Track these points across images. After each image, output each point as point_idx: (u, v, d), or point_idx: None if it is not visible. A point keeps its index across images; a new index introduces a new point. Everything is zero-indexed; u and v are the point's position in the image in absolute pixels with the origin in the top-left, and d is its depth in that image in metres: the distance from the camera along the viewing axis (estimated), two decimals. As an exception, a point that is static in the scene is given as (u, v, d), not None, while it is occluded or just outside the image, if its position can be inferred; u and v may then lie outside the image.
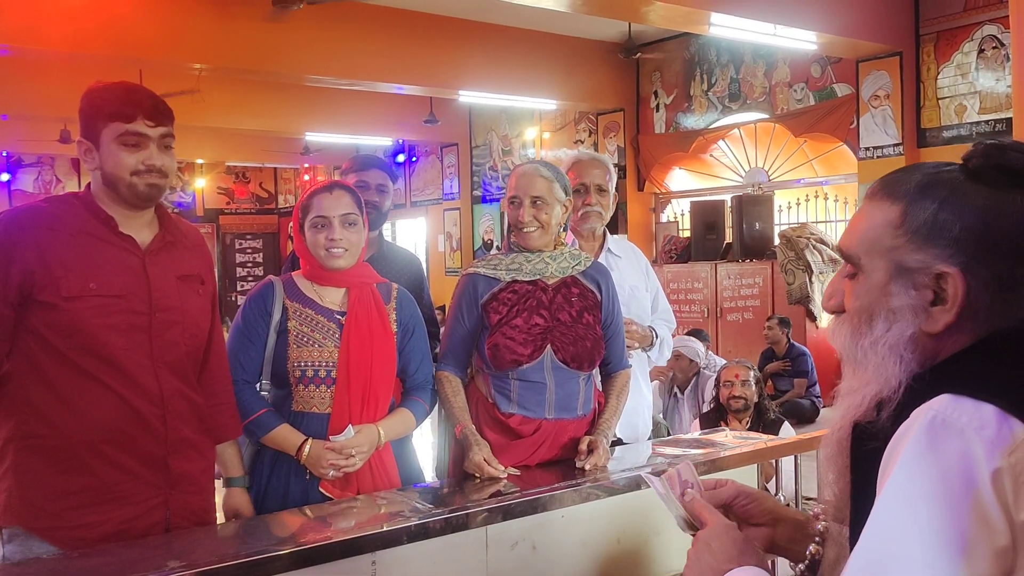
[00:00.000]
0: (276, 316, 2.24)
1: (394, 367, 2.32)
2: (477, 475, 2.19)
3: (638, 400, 2.84)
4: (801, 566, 1.25)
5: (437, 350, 2.85)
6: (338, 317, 2.26)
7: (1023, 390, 0.95)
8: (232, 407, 2.14)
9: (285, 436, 2.18)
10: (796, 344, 7.59)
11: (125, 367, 1.87)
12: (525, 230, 2.33)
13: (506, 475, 2.17)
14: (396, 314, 2.36)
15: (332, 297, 2.29)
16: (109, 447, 1.86)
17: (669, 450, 2.56)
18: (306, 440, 2.17)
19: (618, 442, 2.65)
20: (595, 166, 2.91)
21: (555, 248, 2.39)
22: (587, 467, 2.21)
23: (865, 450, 1.05)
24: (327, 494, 2.18)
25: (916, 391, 1.02)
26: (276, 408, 2.22)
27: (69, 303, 1.82)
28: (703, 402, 5.30)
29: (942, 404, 0.97)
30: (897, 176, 1.11)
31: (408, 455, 2.46)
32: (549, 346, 2.29)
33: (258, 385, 2.25)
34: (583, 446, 2.26)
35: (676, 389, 5.49)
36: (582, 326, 2.33)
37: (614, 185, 2.95)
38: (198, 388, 2.04)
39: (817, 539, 1.23)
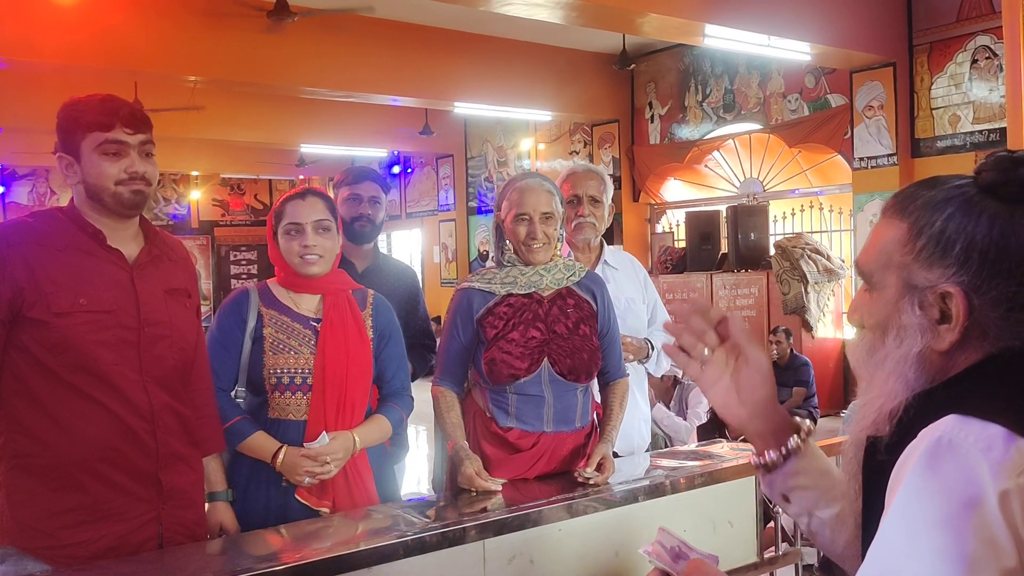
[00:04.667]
0: (251, 323, 2.23)
1: (370, 374, 2.31)
2: (472, 489, 2.18)
3: (634, 413, 2.83)
4: (773, 453, 1.27)
5: (433, 363, 2.84)
6: (313, 324, 2.25)
7: None
8: (216, 420, 2.13)
9: (260, 443, 2.17)
10: (798, 355, 7.59)
11: (116, 383, 1.85)
12: (535, 246, 2.32)
13: (498, 488, 2.16)
14: (372, 320, 2.35)
15: (307, 304, 2.29)
16: (101, 464, 1.84)
17: (667, 462, 2.55)
18: (281, 447, 2.16)
19: (614, 455, 2.64)
20: (589, 177, 2.91)
21: (550, 260, 2.39)
22: (593, 481, 2.20)
23: (874, 462, 1.05)
24: (304, 502, 2.17)
25: (924, 409, 1.01)
26: (252, 415, 2.21)
27: (60, 319, 1.80)
28: (687, 409, 5.29)
29: (948, 425, 0.96)
30: (909, 191, 1.10)
31: (387, 475, 2.43)
32: (546, 359, 2.28)
33: (234, 392, 2.24)
34: (593, 461, 2.24)
35: (661, 406, 5.47)
36: (579, 337, 2.32)
37: (609, 196, 2.94)
38: (187, 401, 2.03)
39: (783, 449, 1.25)
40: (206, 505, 2.15)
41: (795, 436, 1.27)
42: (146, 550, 1.89)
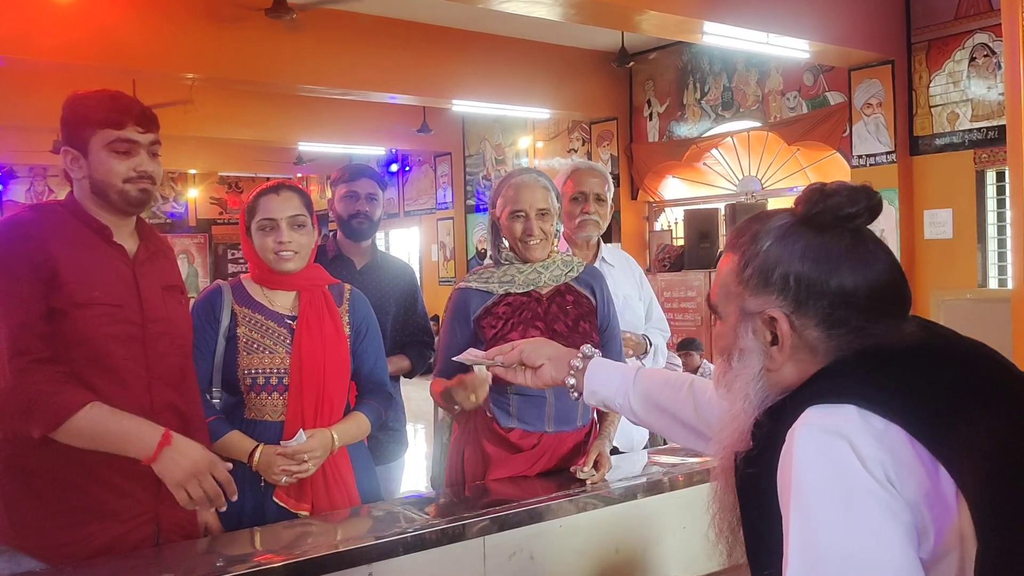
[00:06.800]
0: (225, 322, 2.18)
1: (348, 372, 2.27)
2: (472, 395, 2.04)
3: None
4: (571, 379, 1.64)
5: (431, 360, 2.83)
6: (288, 322, 2.21)
7: (873, 390, 1.06)
8: (202, 420, 2.09)
9: (236, 443, 2.13)
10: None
11: (124, 378, 1.85)
12: (532, 242, 2.29)
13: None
14: (349, 316, 2.31)
15: (282, 301, 2.24)
16: (100, 466, 1.82)
17: (665, 459, 2.55)
18: (257, 446, 2.12)
19: (614, 451, 2.64)
20: (593, 175, 2.92)
21: (548, 256, 2.37)
22: (591, 480, 2.19)
23: (744, 475, 1.16)
24: (281, 504, 2.14)
25: (780, 415, 1.12)
26: (228, 416, 2.17)
27: (78, 310, 1.79)
28: None
29: (809, 416, 1.07)
30: (742, 226, 1.23)
31: (368, 475, 2.38)
32: None
33: (210, 393, 2.19)
34: (590, 459, 2.24)
35: None
36: (579, 335, 2.31)
37: (611, 195, 2.95)
38: (185, 399, 2.01)
39: (572, 370, 1.63)
40: None
41: (576, 359, 1.63)
42: (142, 549, 1.88)
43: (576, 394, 1.65)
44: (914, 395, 1.05)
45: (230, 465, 1.85)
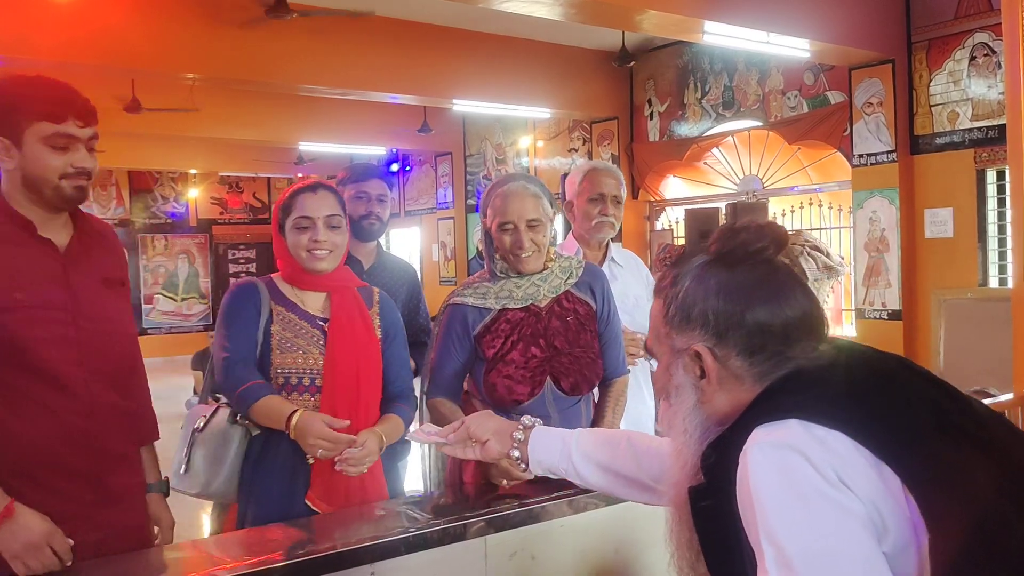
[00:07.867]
0: (264, 316, 2.15)
1: (380, 374, 2.24)
2: (503, 481, 2.09)
3: (640, 409, 2.83)
4: (515, 451, 1.70)
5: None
6: (321, 323, 2.18)
7: (811, 404, 1.14)
8: (150, 410, 2.03)
9: (274, 406, 2.07)
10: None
11: (58, 380, 1.77)
12: (523, 256, 2.21)
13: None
14: (379, 319, 2.29)
15: (313, 302, 2.21)
16: (40, 470, 1.76)
17: (667, 458, 2.54)
18: (296, 410, 2.06)
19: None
20: (611, 176, 2.90)
21: (544, 268, 2.27)
22: None
23: (700, 508, 1.22)
24: (313, 508, 2.12)
25: (727, 444, 1.18)
26: None
27: (1, 315, 1.70)
28: None
29: (758, 435, 1.13)
30: (665, 272, 1.32)
31: (394, 476, 2.39)
32: (548, 378, 2.23)
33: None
34: None
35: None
36: (580, 348, 2.25)
37: (625, 196, 2.96)
38: (130, 397, 1.94)
39: (515, 443, 1.69)
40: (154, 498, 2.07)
41: (518, 431, 1.69)
42: (84, 557, 1.79)
43: (524, 465, 1.69)
44: (849, 404, 1.13)
45: (71, 542, 1.76)
